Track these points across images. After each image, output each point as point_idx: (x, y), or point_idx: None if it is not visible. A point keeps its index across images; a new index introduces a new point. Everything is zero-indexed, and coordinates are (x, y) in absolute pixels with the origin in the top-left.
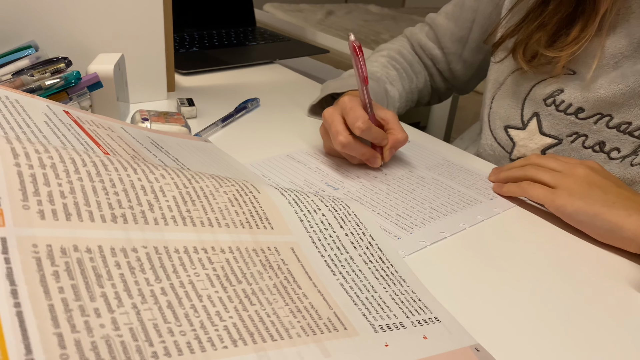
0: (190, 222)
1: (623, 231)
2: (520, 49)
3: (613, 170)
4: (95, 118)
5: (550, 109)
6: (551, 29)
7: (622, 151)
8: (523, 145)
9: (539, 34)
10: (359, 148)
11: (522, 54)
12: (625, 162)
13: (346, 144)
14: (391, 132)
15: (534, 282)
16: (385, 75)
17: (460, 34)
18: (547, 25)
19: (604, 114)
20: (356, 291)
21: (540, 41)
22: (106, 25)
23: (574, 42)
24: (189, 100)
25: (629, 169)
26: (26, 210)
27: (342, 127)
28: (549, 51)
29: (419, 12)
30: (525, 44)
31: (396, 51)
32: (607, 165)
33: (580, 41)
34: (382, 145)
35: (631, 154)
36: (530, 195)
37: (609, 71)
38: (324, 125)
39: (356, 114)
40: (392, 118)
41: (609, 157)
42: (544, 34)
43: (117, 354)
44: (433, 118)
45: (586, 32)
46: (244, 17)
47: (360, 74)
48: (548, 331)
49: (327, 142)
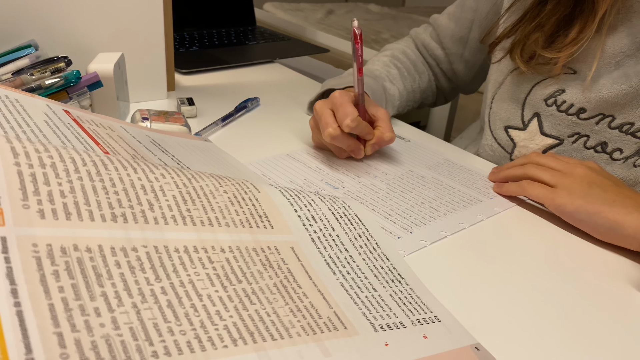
0: (190, 222)
1: (623, 229)
2: (518, 49)
3: (616, 171)
4: (95, 117)
5: (551, 109)
6: (549, 29)
7: (625, 152)
8: (524, 145)
9: (537, 34)
10: (346, 140)
11: (519, 54)
12: (628, 162)
13: (335, 137)
14: (378, 129)
15: (534, 281)
16: (385, 73)
17: (461, 34)
18: (544, 26)
19: (606, 115)
20: (356, 290)
21: (537, 42)
22: (106, 24)
23: (572, 43)
24: (189, 99)
25: (632, 170)
26: (26, 209)
27: (331, 120)
28: (547, 52)
29: (419, 12)
30: (523, 44)
31: (400, 51)
32: (610, 166)
33: (579, 42)
34: (367, 140)
35: (634, 154)
36: (530, 194)
37: (610, 71)
38: (314, 117)
39: (346, 110)
40: (383, 116)
41: (612, 158)
42: (541, 35)
43: (117, 354)
44: (433, 117)
45: (585, 33)
46: (244, 16)
47: (357, 63)
48: (548, 330)
49: (315, 135)
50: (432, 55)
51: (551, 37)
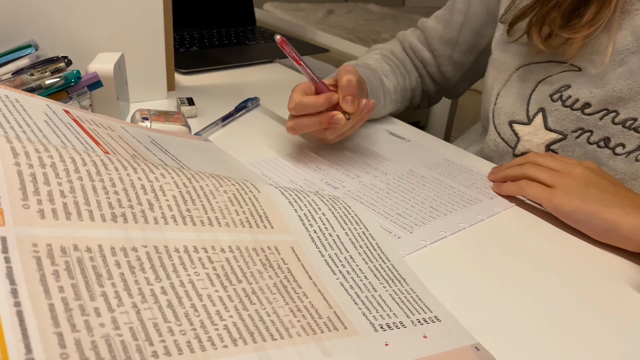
0: (190, 222)
1: (621, 230)
2: (537, 28)
3: (618, 165)
4: (95, 117)
5: (556, 104)
6: (566, 8)
7: (627, 147)
8: (528, 140)
9: (554, 13)
10: (306, 121)
11: (538, 32)
12: (630, 157)
13: (293, 128)
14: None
15: (533, 281)
16: (380, 68)
17: (449, 36)
18: (562, 5)
19: (610, 110)
20: (356, 290)
21: (555, 21)
22: (106, 24)
23: (588, 24)
24: (189, 99)
25: (634, 164)
26: (26, 209)
27: (289, 117)
28: (565, 32)
29: (419, 11)
30: (542, 23)
31: (388, 50)
32: (612, 161)
33: (595, 23)
34: (334, 103)
35: (636, 149)
36: (528, 194)
37: (615, 67)
38: None
39: (289, 100)
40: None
41: (614, 153)
42: (558, 14)
43: (117, 353)
44: (433, 117)
45: (601, 14)
46: (244, 16)
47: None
48: (548, 330)
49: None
50: (419, 57)
51: (568, 16)
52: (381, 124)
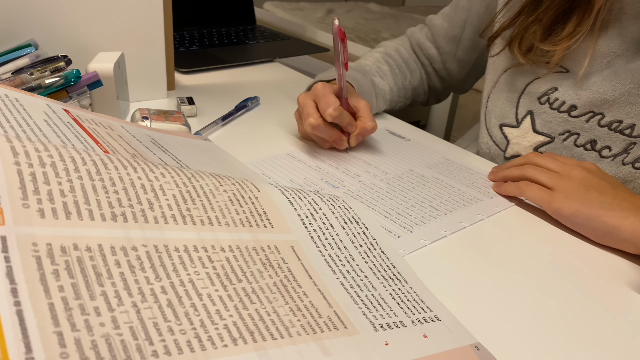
0: (190, 221)
1: (621, 233)
2: (516, 41)
3: (604, 169)
4: (95, 117)
5: (544, 107)
6: (547, 22)
7: (613, 149)
8: (516, 143)
9: (535, 27)
10: (327, 130)
11: (517, 46)
12: (616, 160)
13: (316, 126)
14: (361, 120)
15: (533, 280)
16: (375, 68)
17: (454, 33)
18: (542, 19)
19: (596, 112)
20: (356, 290)
21: (536, 34)
22: (106, 23)
23: (568, 37)
24: (189, 98)
25: (620, 168)
26: (26, 209)
27: (313, 110)
28: (545, 45)
29: (419, 11)
30: (522, 36)
31: (393, 48)
32: (599, 164)
33: (575, 35)
34: (350, 132)
35: (622, 152)
36: (527, 196)
37: (601, 70)
38: (298, 109)
39: (328, 101)
40: (364, 107)
41: (600, 156)
42: (539, 28)
43: (117, 353)
44: (433, 116)
45: (582, 26)
46: (244, 16)
47: (342, 58)
48: (548, 330)
49: (301, 126)
50: (425, 54)
51: (549, 30)
52: (381, 124)
